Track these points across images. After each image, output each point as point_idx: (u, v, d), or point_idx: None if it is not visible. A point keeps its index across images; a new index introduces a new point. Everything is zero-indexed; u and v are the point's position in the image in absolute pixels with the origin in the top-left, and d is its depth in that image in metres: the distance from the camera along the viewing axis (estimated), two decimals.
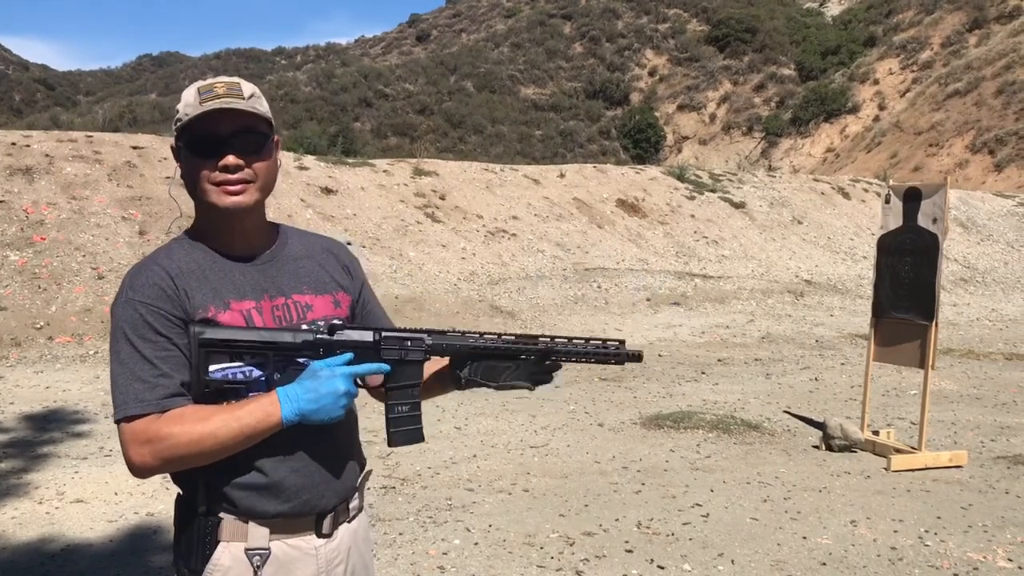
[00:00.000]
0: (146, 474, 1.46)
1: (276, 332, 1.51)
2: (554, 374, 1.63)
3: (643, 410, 6.68)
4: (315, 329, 1.54)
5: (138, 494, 4.50)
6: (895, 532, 4.24)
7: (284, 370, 1.52)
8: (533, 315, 11.23)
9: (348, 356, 1.52)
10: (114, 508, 4.33)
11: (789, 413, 6.76)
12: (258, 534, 1.51)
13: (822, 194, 19.38)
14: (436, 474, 4.99)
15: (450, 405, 6.46)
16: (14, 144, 11.38)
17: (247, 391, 1.51)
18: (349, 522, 1.64)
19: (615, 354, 1.62)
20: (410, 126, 47.16)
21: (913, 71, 44.04)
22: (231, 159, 1.49)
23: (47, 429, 5.80)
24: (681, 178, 18.10)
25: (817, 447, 5.77)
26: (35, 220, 10.08)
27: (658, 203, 16.70)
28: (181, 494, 1.56)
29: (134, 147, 12.24)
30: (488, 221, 14.01)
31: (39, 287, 9.05)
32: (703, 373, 8.34)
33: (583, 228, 14.85)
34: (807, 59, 51.33)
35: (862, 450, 5.68)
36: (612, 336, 1.66)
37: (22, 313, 8.62)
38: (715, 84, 52.30)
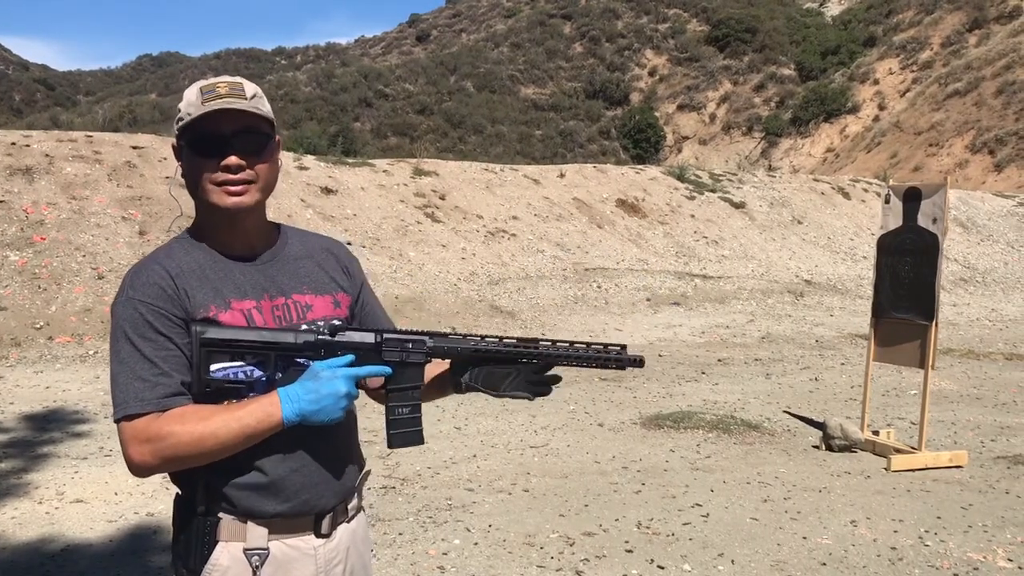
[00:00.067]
0: (146, 473, 1.46)
1: (278, 332, 1.51)
2: (555, 377, 1.63)
3: (643, 410, 6.68)
4: (316, 330, 1.54)
5: (138, 494, 4.50)
6: (895, 532, 4.24)
7: (285, 370, 1.52)
8: (533, 315, 11.23)
9: (350, 358, 1.52)
10: (114, 508, 4.33)
11: (789, 413, 6.76)
12: (257, 534, 1.51)
13: (822, 194, 19.39)
14: (436, 474, 4.99)
15: (450, 405, 6.46)
16: (14, 144, 11.39)
17: (248, 391, 1.51)
18: (348, 522, 1.64)
19: (616, 359, 1.61)
20: (410, 126, 47.16)
21: (913, 71, 44.05)
22: (233, 159, 1.49)
23: (47, 429, 5.80)
24: (681, 178, 18.10)
25: (817, 447, 5.77)
26: (35, 220, 10.09)
27: (658, 203, 16.70)
28: (180, 494, 1.56)
29: (134, 147, 12.25)
30: (488, 221, 14.01)
31: (39, 287, 9.05)
32: (703, 373, 8.34)
33: (583, 228, 14.85)
34: (807, 59, 51.34)
35: (862, 450, 5.68)
36: (612, 337, 1.65)
37: (22, 313, 8.62)
38: (715, 84, 52.31)
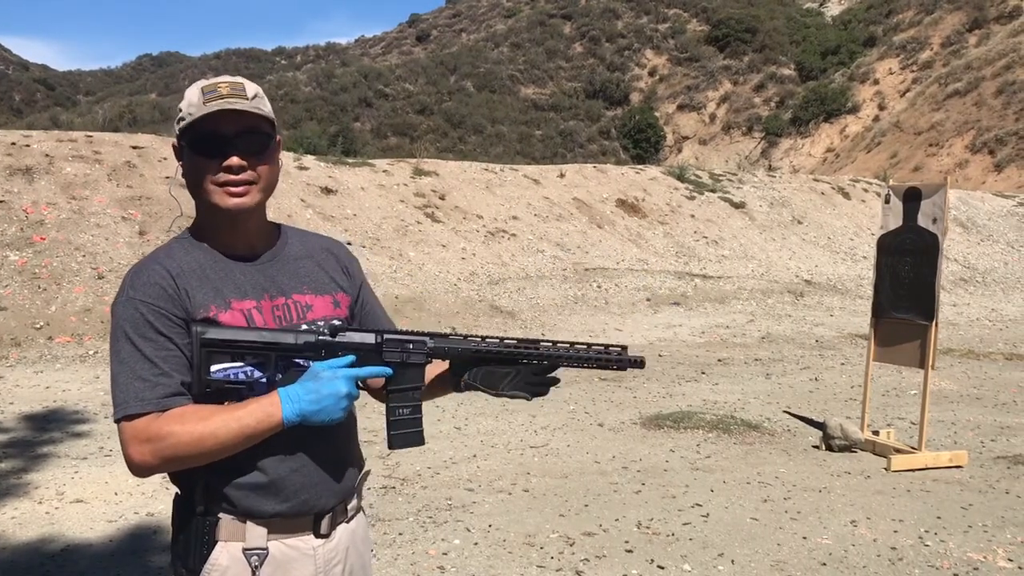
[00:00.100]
0: (146, 473, 1.46)
1: (278, 333, 1.51)
2: (554, 380, 1.63)
3: (643, 410, 6.68)
4: (317, 330, 1.54)
5: (138, 494, 4.50)
6: (895, 532, 4.24)
7: (285, 372, 1.52)
8: (533, 315, 11.23)
9: (350, 358, 1.52)
10: (114, 508, 4.33)
11: (789, 413, 6.76)
12: (256, 534, 1.50)
13: (822, 194, 19.39)
14: (436, 474, 4.99)
15: (450, 405, 6.46)
16: (14, 144, 11.39)
17: (248, 392, 1.51)
18: (347, 522, 1.63)
19: (617, 360, 1.61)
20: (410, 126, 47.17)
21: (913, 71, 44.06)
22: (235, 160, 1.49)
23: (47, 429, 5.80)
24: (681, 178, 18.10)
25: (817, 447, 5.77)
26: (35, 220, 10.09)
27: (658, 203, 16.70)
28: (179, 493, 1.55)
29: (134, 147, 12.25)
30: (488, 221, 14.01)
31: (39, 287, 9.05)
32: (703, 373, 8.34)
33: (583, 228, 14.85)
34: (807, 59, 51.34)
35: (862, 450, 5.68)
36: (612, 337, 1.65)
37: (22, 313, 8.62)
38: (715, 84, 52.31)
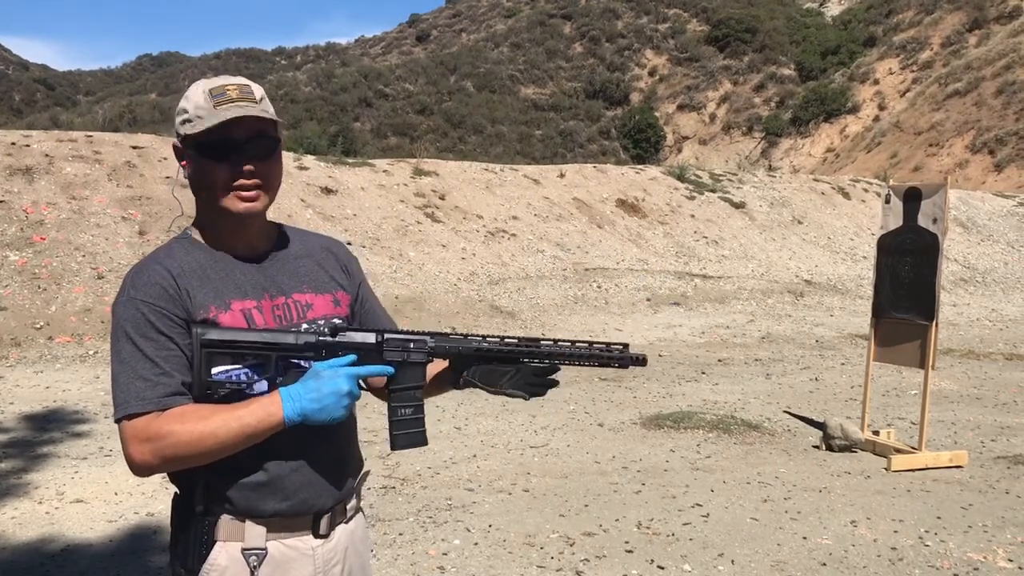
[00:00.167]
0: (147, 473, 1.45)
1: (278, 333, 1.51)
2: (553, 382, 1.62)
3: (643, 410, 6.68)
4: (317, 330, 1.53)
5: (138, 494, 4.50)
6: (895, 532, 4.24)
7: (285, 372, 1.52)
8: (533, 315, 11.23)
9: (351, 358, 1.51)
10: (114, 508, 4.33)
11: (789, 413, 6.76)
12: (255, 533, 1.50)
13: (822, 194, 19.38)
14: (436, 474, 4.98)
15: (450, 405, 6.46)
16: (14, 144, 11.38)
17: (249, 393, 1.50)
18: (346, 523, 1.63)
19: (619, 358, 1.60)
20: (410, 126, 47.17)
21: (913, 71, 44.06)
22: (250, 167, 1.50)
23: (47, 429, 5.80)
24: (681, 178, 18.10)
25: (817, 447, 5.77)
26: (35, 220, 10.09)
27: (658, 203, 16.70)
28: (178, 493, 1.55)
29: (134, 147, 12.24)
30: (488, 221, 14.01)
31: (39, 287, 9.05)
32: (703, 373, 8.34)
33: (583, 228, 14.85)
34: (807, 59, 51.34)
35: (862, 450, 5.68)
36: (612, 337, 1.64)
37: (22, 313, 8.62)
38: (715, 84, 52.32)
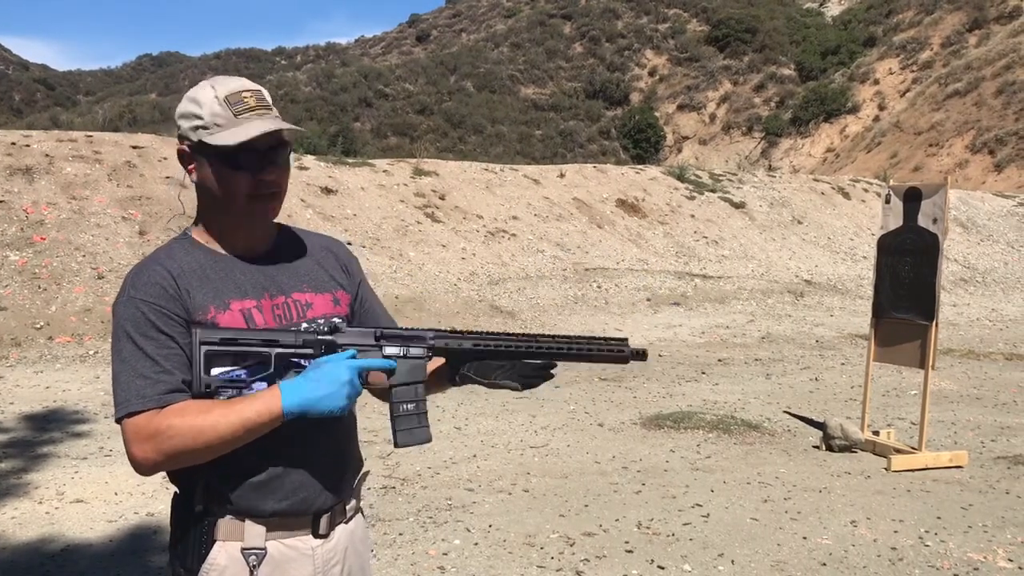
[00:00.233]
0: (149, 471, 1.45)
1: (278, 333, 1.51)
2: (547, 375, 1.62)
3: (643, 410, 6.68)
4: (316, 329, 1.54)
5: (138, 494, 4.50)
6: (895, 532, 4.24)
7: (286, 372, 1.52)
8: (533, 315, 11.23)
9: (352, 352, 1.51)
10: (114, 508, 4.33)
11: (789, 413, 6.76)
12: (254, 533, 1.50)
13: (822, 194, 19.38)
14: (436, 474, 4.98)
15: (450, 405, 6.46)
16: (14, 144, 11.39)
17: (249, 391, 1.50)
18: (346, 523, 1.63)
19: (619, 353, 1.59)
20: (410, 126, 47.19)
21: (913, 71, 44.07)
22: (272, 176, 1.52)
23: (47, 429, 5.80)
24: (681, 178, 18.10)
25: (817, 447, 5.77)
26: (35, 220, 10.09)
27: (658, 203, 16.70)
28: (178, 493, 1.55)
29: (134, 147, 12.24)
30: (488, 221, 14.01)
31: (39, 287, 9.05)
32: (703, 373, 8.34)
33: (583, 228, 14.85)
34: (807, 59, 51.36)
35: (862, 450, 5.68)
36: (613, 336, 1.64)
37: (22, 313, 8.62)
38: (715, 84, 52.33)
